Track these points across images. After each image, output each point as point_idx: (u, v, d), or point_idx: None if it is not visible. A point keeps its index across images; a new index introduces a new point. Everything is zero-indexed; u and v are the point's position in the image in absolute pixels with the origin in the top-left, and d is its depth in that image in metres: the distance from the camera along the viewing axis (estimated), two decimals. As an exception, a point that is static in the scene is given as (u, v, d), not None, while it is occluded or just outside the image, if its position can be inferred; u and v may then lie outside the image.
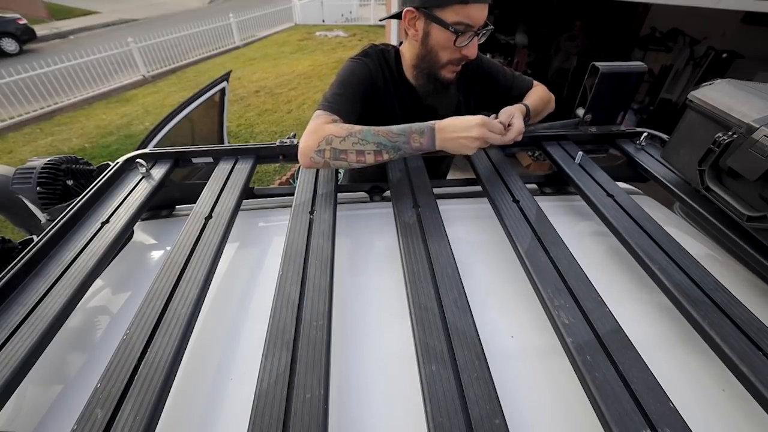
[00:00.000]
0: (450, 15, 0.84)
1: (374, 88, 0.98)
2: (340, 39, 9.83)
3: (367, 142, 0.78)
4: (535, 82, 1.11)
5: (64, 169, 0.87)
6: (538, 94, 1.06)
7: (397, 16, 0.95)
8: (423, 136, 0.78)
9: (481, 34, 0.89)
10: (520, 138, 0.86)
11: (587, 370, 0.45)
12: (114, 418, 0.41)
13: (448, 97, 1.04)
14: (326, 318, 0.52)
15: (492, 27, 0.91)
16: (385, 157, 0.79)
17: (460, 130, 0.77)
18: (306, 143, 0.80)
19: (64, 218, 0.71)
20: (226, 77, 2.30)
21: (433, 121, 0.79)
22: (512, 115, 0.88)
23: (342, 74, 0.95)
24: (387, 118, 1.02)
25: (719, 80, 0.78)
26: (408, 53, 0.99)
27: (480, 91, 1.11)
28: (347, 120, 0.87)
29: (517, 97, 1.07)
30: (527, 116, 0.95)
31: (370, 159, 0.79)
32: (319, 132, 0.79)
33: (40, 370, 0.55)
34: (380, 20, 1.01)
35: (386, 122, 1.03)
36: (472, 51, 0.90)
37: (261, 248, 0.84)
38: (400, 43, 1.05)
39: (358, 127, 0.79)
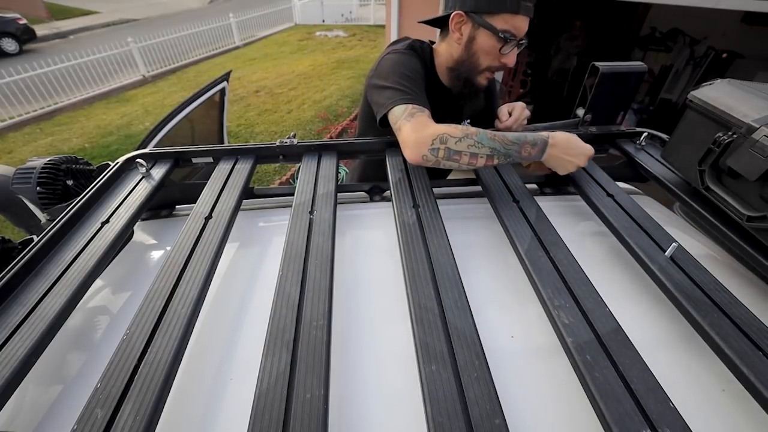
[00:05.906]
0: (500, 22, 0.87)
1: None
2: (340, 39, 9.84)
3: (482, 145, 0.76)
4: None
5: (64, 169, 0.87)
6: None
7: (436, 21, 0.98)
8: (535, 147, 0.79)
9: (522, 46, 0.93)
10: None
11: (587, 370, 0.45)
12: (114, 418, 0.41)
13: (477, 102, 1.10)
14: (326, 318, 0.52)
15: (527, 41, 0.95)
16: (495, 162, 0.78)
17: (572, 155, 0.80)
18: (419, 138, 0.75)
19: (64, 218, 0.71)
20: (226, 77, 2.30)
21: (546, 134, 0.80)
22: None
23: (401, 67, 0.90)
24: None
25: (719, 80, 0.78)
26: (444, 54, 1.01)
27: (484, 105, 1.17)
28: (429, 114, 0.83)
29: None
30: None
31: (481, 162, 0.77)
32: (432, 129, 0.76)
33: (40, 370, 0.55)
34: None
35: None
36: (511, 60, 0.94)
37: (261, 248, 0.84)
38: (432, 42, 1.06)
39: (473, 129, 0.77)
